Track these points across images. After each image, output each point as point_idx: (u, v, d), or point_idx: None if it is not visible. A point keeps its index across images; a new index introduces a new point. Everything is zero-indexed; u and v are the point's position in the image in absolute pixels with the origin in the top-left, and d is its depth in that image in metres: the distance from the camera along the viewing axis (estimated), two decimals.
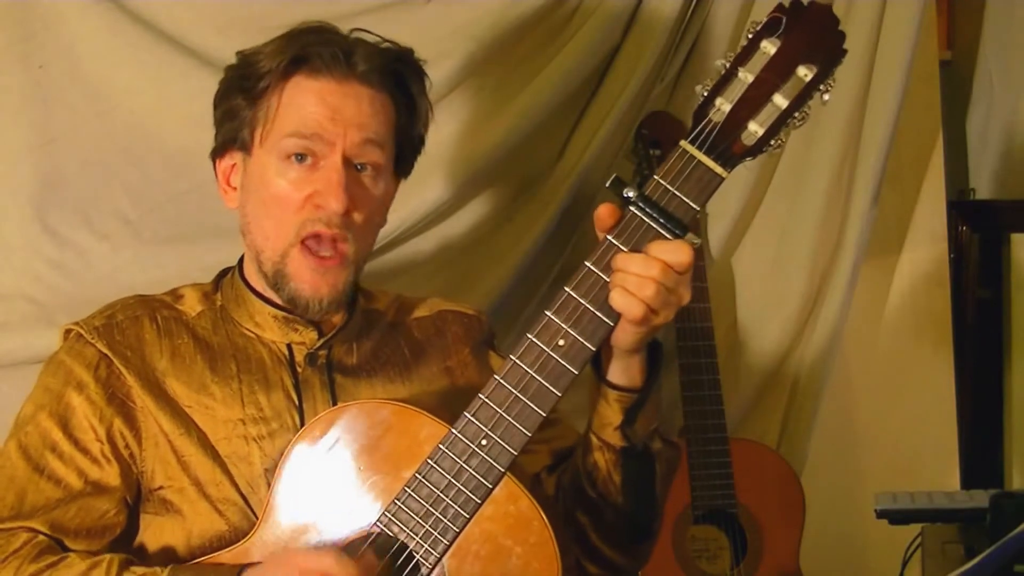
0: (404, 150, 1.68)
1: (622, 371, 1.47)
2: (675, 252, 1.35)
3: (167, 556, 1.55)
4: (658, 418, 1.53)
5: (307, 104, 1.58)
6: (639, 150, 2.34)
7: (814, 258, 2.46)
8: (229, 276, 1.70)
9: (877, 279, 2.58)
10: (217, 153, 1.67)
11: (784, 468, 2.39)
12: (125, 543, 1.57)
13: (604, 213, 1.40)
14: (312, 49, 1.59)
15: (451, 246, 2.30)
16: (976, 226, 2.74)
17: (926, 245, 2.59)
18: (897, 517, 1.97)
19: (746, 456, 2.35)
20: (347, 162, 1.58)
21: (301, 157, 1.57)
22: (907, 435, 2.59)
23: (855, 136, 2.42)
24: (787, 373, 2.51)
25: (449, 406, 1.50)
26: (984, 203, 2.78)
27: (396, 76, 1.65)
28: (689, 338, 2.35)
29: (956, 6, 2.80)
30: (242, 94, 1.61)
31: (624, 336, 1.42)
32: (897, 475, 2.55)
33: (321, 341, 1.63)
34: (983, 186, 2.80)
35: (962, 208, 2.73)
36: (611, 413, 1.48)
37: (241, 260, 1.69)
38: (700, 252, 2.39)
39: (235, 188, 1.65)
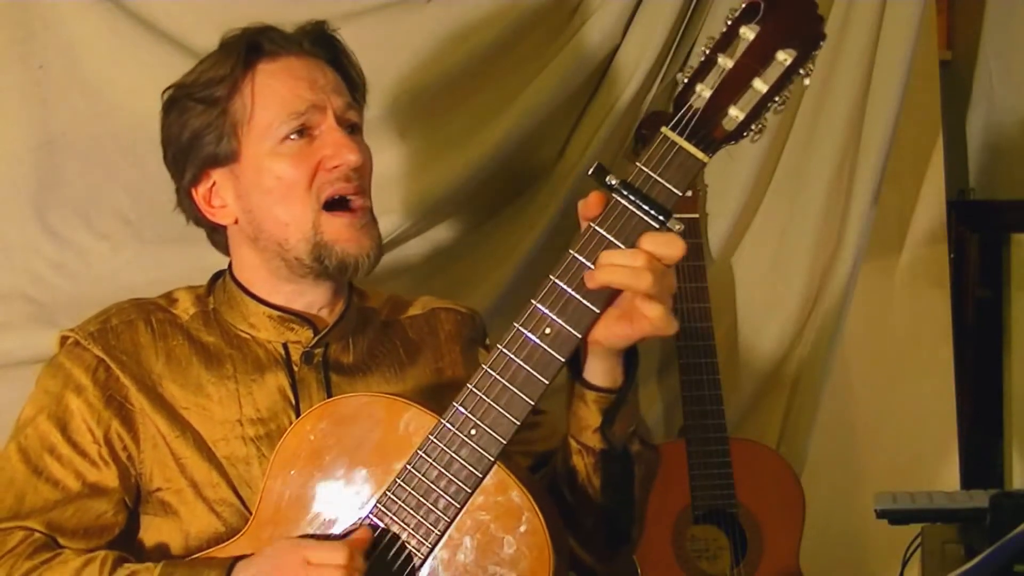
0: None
1: (606, 372, 1.45)
2: (668, 245, 1.35)
3: (165, 556, 1.55)
4: (635, 419, 1.52)
5: (285, 83, 1.58)
6: (639, 150, 2.34)
7: (814, 258, 2.46)
8: (221, 280, 1.69)
9: (877, 279, 2.58)
10: (192, 183, 1.63)
11: (784, 468, 2.39)
12: (125, 543, 1.57)
13: (593, 201, 1.39)
14: (259, 38, 1.60)
15: (450, 247, 2.30)
16: (976, 226, 2.74)
17: (926, 245, 2.59)
18: (897, 517, 1.97)
19: (746, 456, 2.35)
20: (340, 123, 1.59)
21: (299, 133, 1.57)
22: (907, 435, 2.59)
23: (855, 136, 2.42)
24: (787, 373, 2.51)
25: (439, 402, 1.49)
26: (984, 203, 2.78)
27: (328, 46, 1.65)
28: (689, 338, 2.35)
29: (956, 6, 2.80)
30: (204, 106, 1.59)
31: (619, 331, 1.39)
32: (897, 475, 2.55)
33: (316, 339, 1.63)
34: (983, 186, 2.80)
35: (962, 208, 2.74)
36: (589, 415, 1.47)
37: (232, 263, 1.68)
38: (700, 252, 2.39)
39: (223, 206, 1.63)
